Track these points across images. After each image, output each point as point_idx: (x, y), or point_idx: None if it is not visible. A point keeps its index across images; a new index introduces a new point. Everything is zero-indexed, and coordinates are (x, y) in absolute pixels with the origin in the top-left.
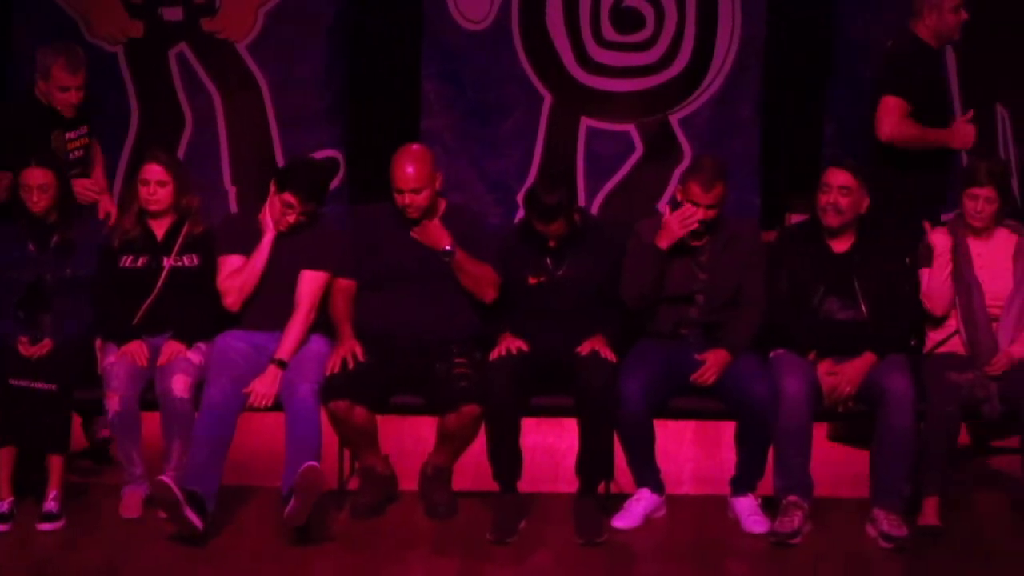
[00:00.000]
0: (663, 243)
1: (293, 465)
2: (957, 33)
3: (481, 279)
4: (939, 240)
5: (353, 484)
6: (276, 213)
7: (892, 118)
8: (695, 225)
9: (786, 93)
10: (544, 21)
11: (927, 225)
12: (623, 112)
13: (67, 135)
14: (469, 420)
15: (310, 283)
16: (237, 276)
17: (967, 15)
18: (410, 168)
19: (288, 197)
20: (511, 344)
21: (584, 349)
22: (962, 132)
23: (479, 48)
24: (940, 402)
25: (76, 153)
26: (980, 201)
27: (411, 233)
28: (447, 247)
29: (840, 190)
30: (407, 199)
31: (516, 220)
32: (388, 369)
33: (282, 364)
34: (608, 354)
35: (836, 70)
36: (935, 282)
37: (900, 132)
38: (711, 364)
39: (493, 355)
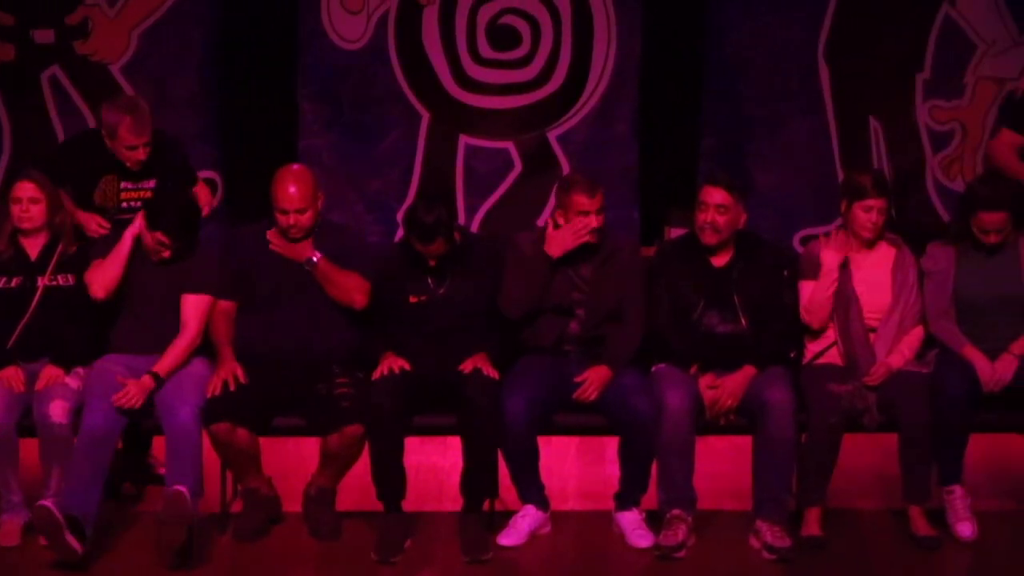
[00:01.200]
0: (555, 251)
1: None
2: None
3: (348, 286)
4: (829, 256)
5: (236, 507)
6: (149, 245)
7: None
8: (586, 237)
9: (663, 108)
10: (420, 39)
11: (822, 238)
12: (501, 129)
13: (123, 183)
14: (352, 440)
15: (194, 307)
16: (101, 266)
17: None
18: (293, 188)
19: (160, 237)
20: (393, 363)
21: (467, 367)
22: None
23: (356, 67)
24: (820, 413)
25: (132, 203)
26: (874, 212)
27: (271, 247)
28: (310, 256)
29: (717, 208)
30: (291, 219)
31: (396, 239)
32: (270, 390)
33: (157, 377)
34: (491, 371)
35: (712, 85)
36: (818, 297)
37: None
38: (592, 381)
39: (375, 375)
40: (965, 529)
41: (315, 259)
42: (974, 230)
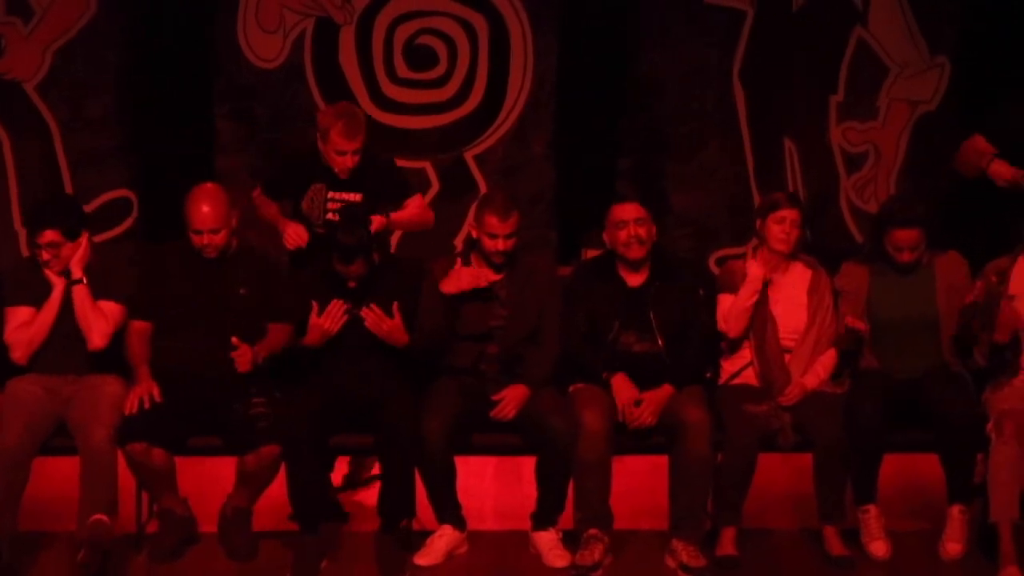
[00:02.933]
0: (449, 288)
1: (86, 510)
2: None
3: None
4: (755, 267)
5: (152, 527)
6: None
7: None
8: (482, 283)
9: (580, 129)
10: (337, 59)
11: (748, 252)
12: (418, 149)
13: (330, 193)
14: (269, 460)
15: (109, 311)
16: (26, 329)
17: None
18: (206, 208)
19: (50, 235)
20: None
21: (385, 388)
22: None
23: (272, 86)
24: (736, 433)
25: (333, 215)
26: (787, 223)
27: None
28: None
29: (637, 222)
30: (205, 239)
31: None
32: (186, 410)
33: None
34: (409, 392)
35: (628, 106)
36: (738, 307)
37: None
38: (510, 399)
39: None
40: (879, 549)
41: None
42: (888, 248)
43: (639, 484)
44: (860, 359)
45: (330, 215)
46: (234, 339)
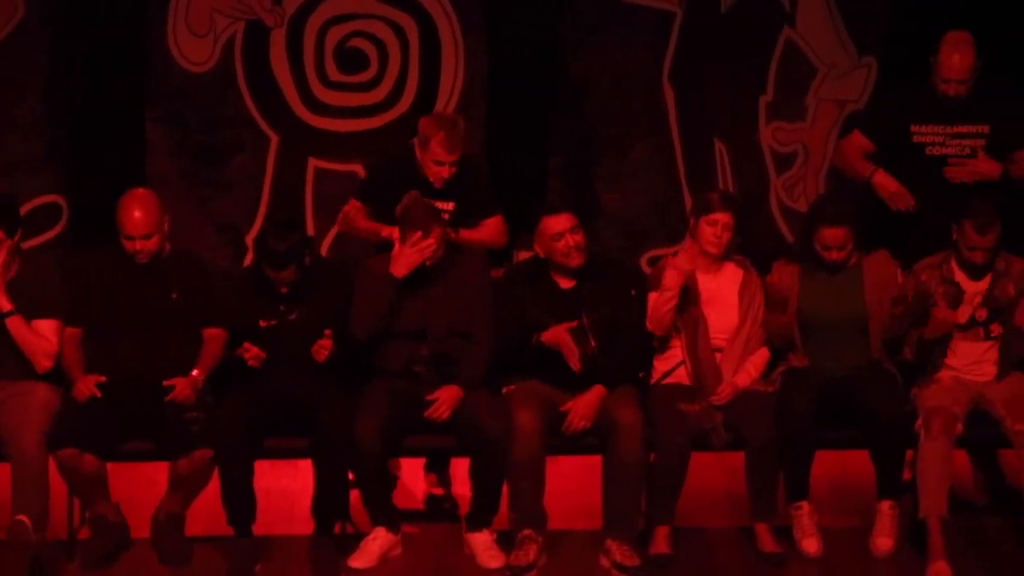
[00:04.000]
0: (400, 270)
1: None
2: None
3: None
4: (669, 275)
5: (84, 533)
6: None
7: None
8: (429, 252)
9: (511, 130)
10: (268, 62)
11: (670, 256)
12: (351, 152)
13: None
14: (201, 465)
15: (49, 331)
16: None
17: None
18: (138, 213)
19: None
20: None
21: (318, 391)
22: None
23: (203, 90)
24: (669, 432)
25: None
26: (719, 227)
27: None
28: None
29: (572, 231)
30: (137, 245)
31: (246, 263)
32: (117, 415)
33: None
34: (343, 394)
35: (559, 107)
36: (657, 312)
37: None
38: (444, 399)
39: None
40: (811, 545)
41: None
42: (817, 247)
43: (573, 484)
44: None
45: None
46: (167, 383)
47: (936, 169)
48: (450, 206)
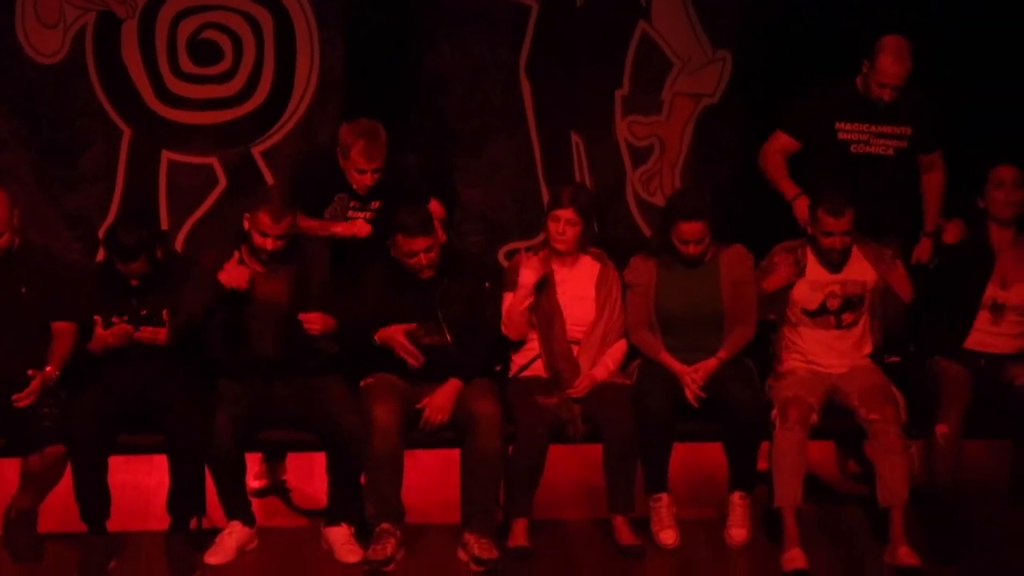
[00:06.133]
0: (224, 277)
1: None
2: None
3: None
4: (524, 273)
5: None
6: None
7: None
8: (245, 286)
9: None
10: (120, 54)
11: (523, 253)
12: (205, 145)
13: (352, 202)
14: (53, 461)
15: None
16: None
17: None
18: None
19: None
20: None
21: (172, 386)
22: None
23: (53, 82)
24: (527, 425)
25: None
26: (562, 223)
27: None
28: None
29: (427, 250)
30: None
31: (99, 258)
32: None
33: None
34: (197, 389)
35: (416, 101)
36: (512, 312)
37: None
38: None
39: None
40: (668, 537)
41: None
42: (674, 241)
43: (431, 478)
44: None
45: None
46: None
47: (859, 166)
48: (376, 205)
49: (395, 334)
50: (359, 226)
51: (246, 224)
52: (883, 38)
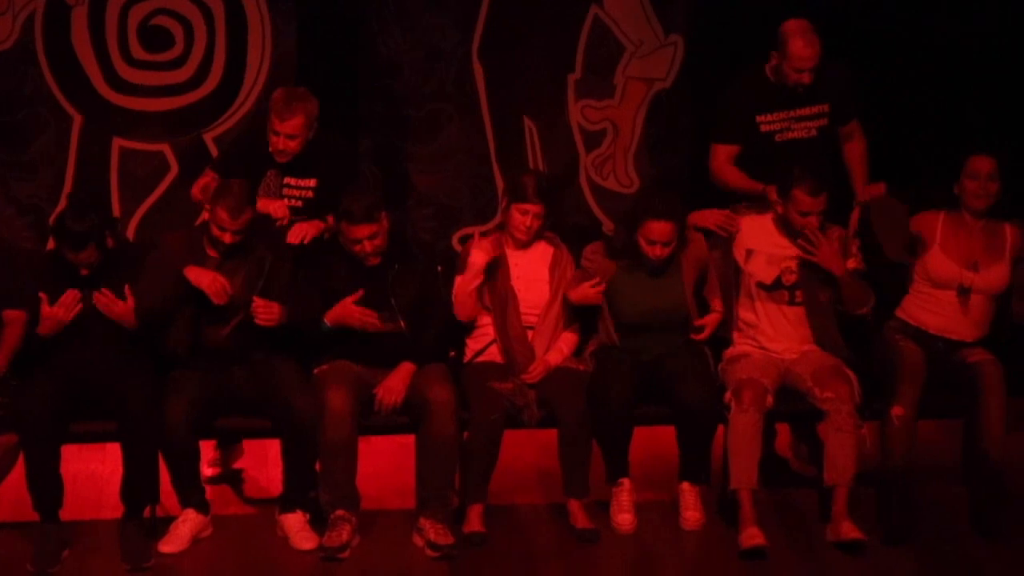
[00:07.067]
0: (192, 275)
1: None
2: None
3: None
4: (476, 255)
5: None
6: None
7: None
8: (224, 300)
9: (320, 110)
10: (70, 40)
11: (476, 236)
12: (156, 131)
13: (285, 179)
14: (5, 450)
15: None
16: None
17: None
18: None
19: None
20: None
21: (125, 373)
22: None
23: (2, 69)
24: (482, 410)
25: (293, 201)
26: (530, 217)
27: None
28: None
29: (372, 237)
30: None
31: (49, 246)
32: None
33: None
34: (150, 377)
35: (368, 86)
36: (460, 292)
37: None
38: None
39: None
40: (625, 522)
41: None
42: (640, 241)
43: (386, 464)
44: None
45: (288, 201)
46: None
47: (787, 155)
48: (312, 183)
49: (344, 307)
50: (275, 206)
51: (207, 214)
52: (786, 24)
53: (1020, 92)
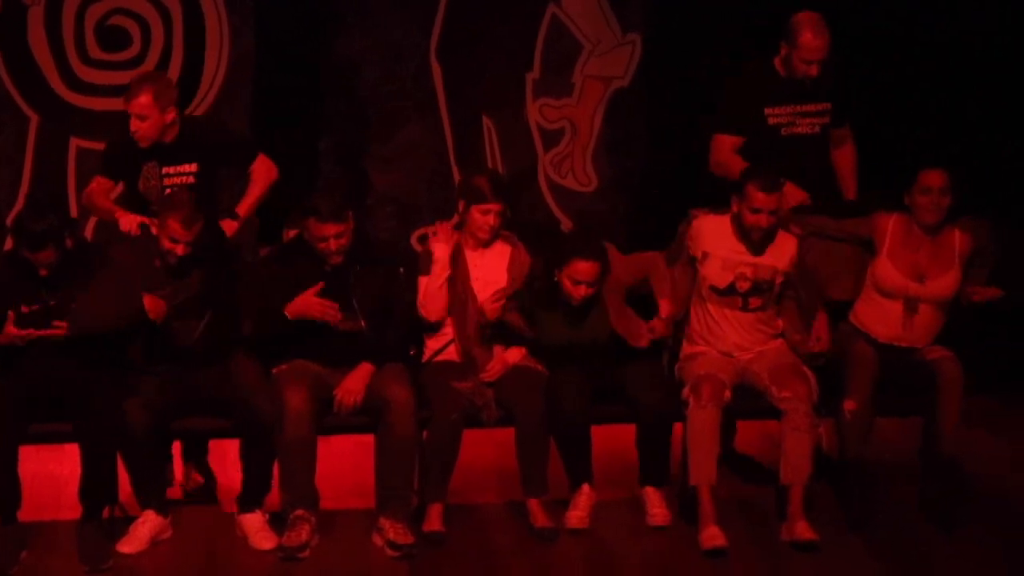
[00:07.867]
0: (149, 304)
1: None
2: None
3: None
4: (439, 248)
5: None
6: None
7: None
8: (160, 320)
9: (280, 110)
10: (26, 40)
11: (430, 234)
12: (114, 131)
13: (164, 168)
14: None
15: None
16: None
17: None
18: None
19: None
20: None
21: (85, 374)
22: None
23: None
24: (441, 409)
25: (171, 190)
26: (492, 216)
27: None
28: None
29: (338, 236)
30: None
31: (6, 247)
32: None
33: None
34: (111, 378)
35: (327, 85)
36: (431, 288)
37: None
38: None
39: None
40: (573, 517)
41: None
42: (564, 280)
43: (345, 463)
44: None
45: (168, 191)
46: None
47: (787, 148)
48: (193, 167)
49: (305, 300)
50: (127, 221)
51: (154, 229)
52: (797, 16)
53: (1020, 92)
